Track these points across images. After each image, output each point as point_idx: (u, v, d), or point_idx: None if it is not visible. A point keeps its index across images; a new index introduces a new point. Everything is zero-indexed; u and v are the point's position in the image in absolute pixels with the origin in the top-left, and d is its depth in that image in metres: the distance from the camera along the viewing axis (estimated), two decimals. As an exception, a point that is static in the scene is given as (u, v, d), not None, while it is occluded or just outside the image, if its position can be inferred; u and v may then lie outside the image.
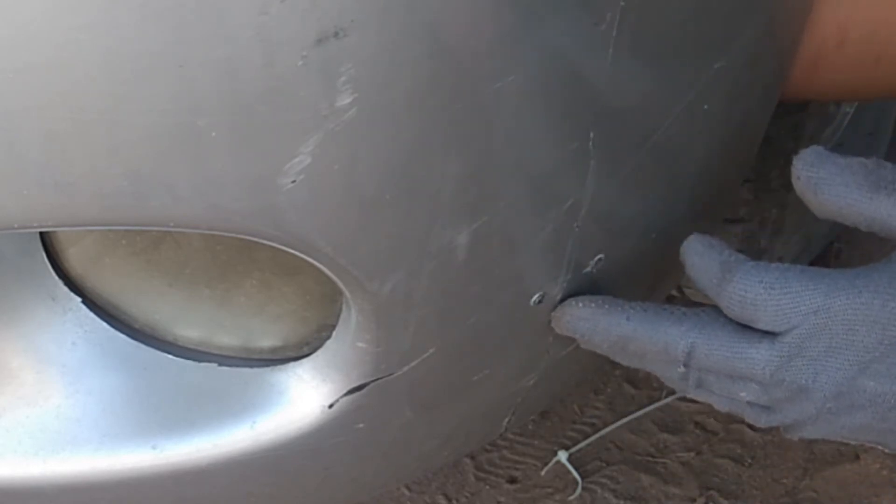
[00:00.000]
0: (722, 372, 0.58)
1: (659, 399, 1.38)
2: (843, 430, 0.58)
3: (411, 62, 0.46)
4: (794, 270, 0.55)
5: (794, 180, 0.57)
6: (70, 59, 0.41)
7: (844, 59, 0.74)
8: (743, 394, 0.59)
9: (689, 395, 0.62)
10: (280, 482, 0.69)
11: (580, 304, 0.64)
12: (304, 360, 0.62)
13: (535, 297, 0.64)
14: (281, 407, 0.63)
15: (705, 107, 0.64)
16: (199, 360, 0.63)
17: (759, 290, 0.55)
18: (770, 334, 0.56)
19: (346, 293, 0.55)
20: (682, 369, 0.60)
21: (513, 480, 1.32)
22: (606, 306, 0.63)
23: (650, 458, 1.33)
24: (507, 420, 0.80)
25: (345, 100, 0.45)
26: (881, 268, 0.55)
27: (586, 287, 0.67)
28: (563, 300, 0.66)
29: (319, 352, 0.62)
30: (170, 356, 0.63)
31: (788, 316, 0.55)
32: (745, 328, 0.57)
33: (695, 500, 1.26)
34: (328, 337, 0.61)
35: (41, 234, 0.61)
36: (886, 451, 0.60)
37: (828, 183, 0.55)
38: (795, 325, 0.55)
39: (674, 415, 1.38)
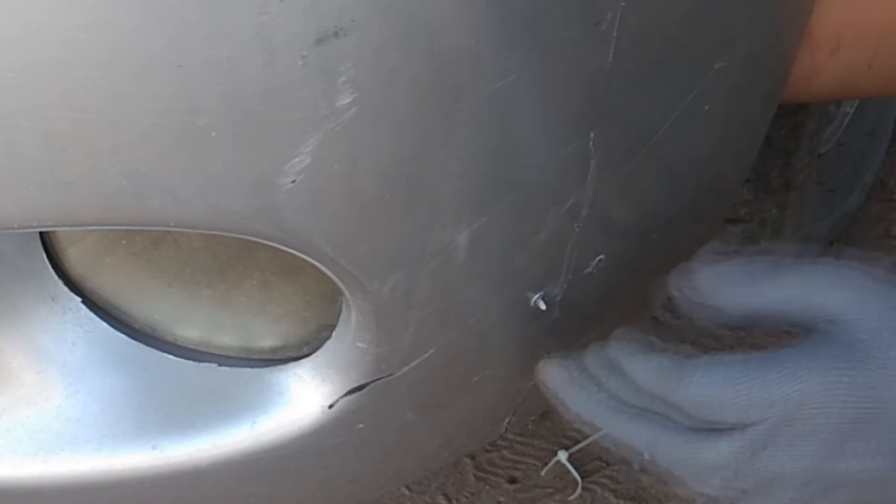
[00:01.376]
0: (685, 469, 0.57)
1: (659, 399, 1.38)
2: None
3: (411, 62, 0.46)
4: (754, 360, 0.54)
5: (676, 298, 0.56)
6: (70, 59, 0.41)
7: (838, 64, 0.74)
8: (708, 488, 0.57)
9: None
10: (280, 482, 0.69)
11: (557, 367, 0.62)
12: (304, 361, 0.62)
13: (536, 298, 0.64)
14: (281, 407, 0.63)
15: (706, 107, 0.64)
16: (199, 361, 0.63)
17: (724, 389, 0.53)
18: (735, 425, 0.54)
19: (346, 293, 0.55)
20: (647, 457, 0.59)
21: (513, 480, 1.31)
22: (578, 380, 0.61)
23: (650, 459, 1.33)
24: (507, 420, 0.80)
25: (345, 100, 0.45)
26: (832, 340, 0.53)
27: (587, 288, 0.67)
28: (563, 301, 0.66)
29: (319, 352, 0.62)
30: (170, 356, 0.63)
31: (758, 408, 0.53)
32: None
33: (695, 500, 1.26)
34: (328, 337, 0.61)
35: (41, 234, 0.61)
36: None
37: (710, 289, 0.56)
38: (765, 416, 0.53)
39: (674, 415, 1.38)
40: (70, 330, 0.62)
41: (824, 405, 0.53)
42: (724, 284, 0.55)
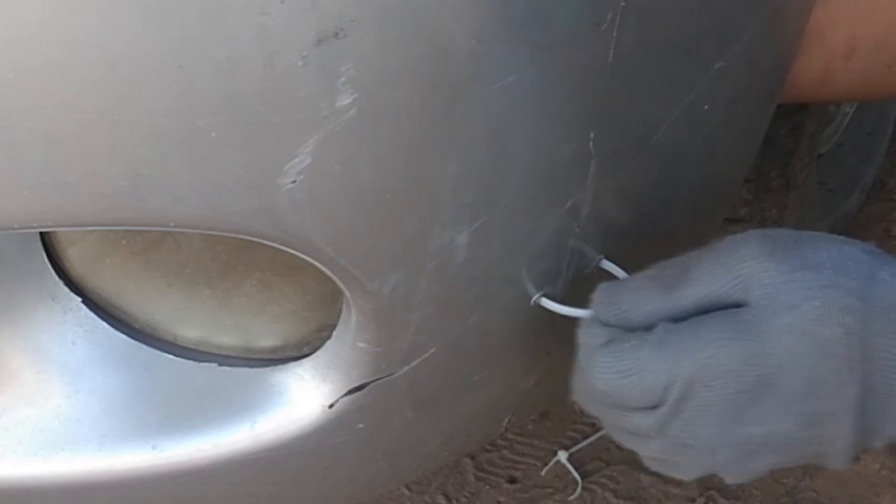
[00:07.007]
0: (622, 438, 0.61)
1: (659, 399, 1.37)
2: (763, 471, 0.59)
3: (411, 62, 0.46)
4: (647, 346, 0.56)
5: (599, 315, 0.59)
6: (70, 59, 0.41)
7: (854, 69, 0.75)
8: (645, 452, 0.61)
9: None
10: (280, 482, 0.69)
11: None
12: (305, 360, 0.62)
13: (536, 298, 0.64)
14: (281, 407, 0.63)
15: (705, 107, 0.64)
16: (200, 360, 0.63)
17: (620, 382, 0.56)
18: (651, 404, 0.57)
19: (346, 293, 0.55)
20: None
21: (513, 480, 1.31)
22: None
23: (650, 458, 1.33)
24: (507, 420, 0.80)
25: (345, 100, 0.45)
26: (722, 317, 0.55)
27: (587, 288, 0.67)
28: (563, 300, 0.66)
29: (319, 352, 0.62)
30: (170, 356, 0.63)
31: (657, 392, 0.56)
32: None
33: (695, 500, 1.26)
34: (328, 337, 0.61)
35: (41, 234, 0.61)
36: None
37: (631, 306, 0.58)
38: (666, 397, 0.56)
39: (674, 415, 1.37)
40: (70, 330, 0.62)
41: (709, 379, 0.55)
42: (641, 298, 0.58)
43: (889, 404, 0.54)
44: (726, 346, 0.54)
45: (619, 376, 0.57)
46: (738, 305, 0.55)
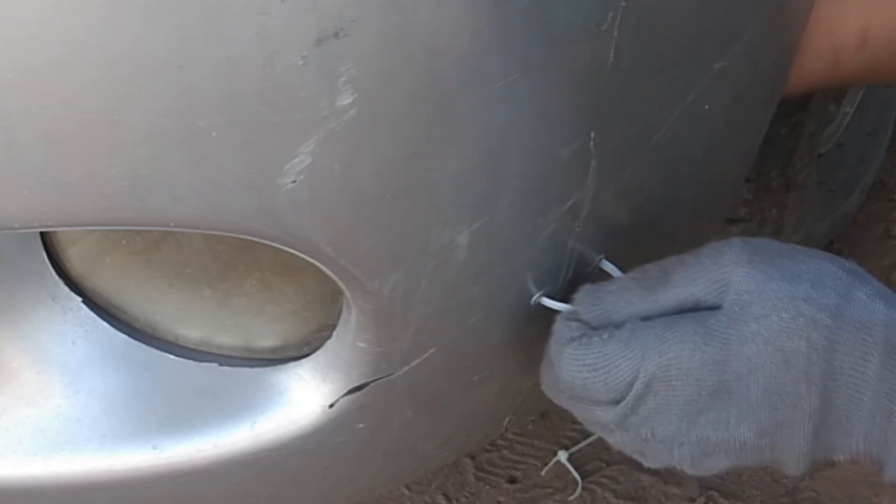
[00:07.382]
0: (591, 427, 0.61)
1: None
2: (720, 470, 0.59)
3: (411, 62, 0.46)
4: (614, 342, 0.57)
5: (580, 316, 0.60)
6: (70, 59, 0.41)
7: (865, 58, 0.75)
8: (611, 440, 0.61)
9: None
10: (280, 482, 0.69)
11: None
12: (305, 360, 0.62)
13: (536, 297, 0.64)
14: (281, 407, 0.63)
15: (706, 107, 0.64)
16: (200, 360, 0.63)
17: (586, 374, 0.57)
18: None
19: (347, 293, 0.55)
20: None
21: (513, 480, 1.31)
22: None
23: (650, 458, 1.32)
24: (507, 420, 0.80)
25: (345, 100, 0.45)
26: (695, 318, 0.56)
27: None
28: (563, 300, 0.66)
29: (320, 352, 0.62)
30: (170, 356, 0.63)
31: (620, 387, 0.57)
32: None
33: (695, 500, 1.26)
34: (328, 337, 0.61)
35: (42, 234, 0.61)
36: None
37: (613, 306, 0.59)
38: (625, 394, 0.57)
39: (674, 415, 1.37)
40: (70, 330, 0.62)
41: (670, 379, 0.56)
42: (622, 299, 0.59)
43: (849, 420, 0.54)
44: (689, 349, 0.55)
45: (585, 369, 0.57)
46: (714, 308, 0.56)
